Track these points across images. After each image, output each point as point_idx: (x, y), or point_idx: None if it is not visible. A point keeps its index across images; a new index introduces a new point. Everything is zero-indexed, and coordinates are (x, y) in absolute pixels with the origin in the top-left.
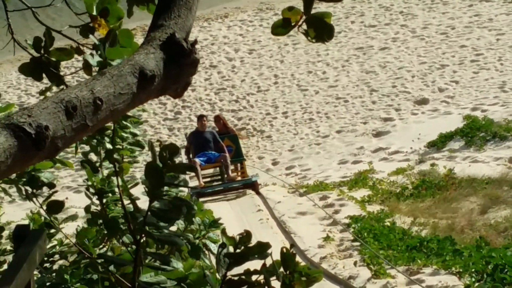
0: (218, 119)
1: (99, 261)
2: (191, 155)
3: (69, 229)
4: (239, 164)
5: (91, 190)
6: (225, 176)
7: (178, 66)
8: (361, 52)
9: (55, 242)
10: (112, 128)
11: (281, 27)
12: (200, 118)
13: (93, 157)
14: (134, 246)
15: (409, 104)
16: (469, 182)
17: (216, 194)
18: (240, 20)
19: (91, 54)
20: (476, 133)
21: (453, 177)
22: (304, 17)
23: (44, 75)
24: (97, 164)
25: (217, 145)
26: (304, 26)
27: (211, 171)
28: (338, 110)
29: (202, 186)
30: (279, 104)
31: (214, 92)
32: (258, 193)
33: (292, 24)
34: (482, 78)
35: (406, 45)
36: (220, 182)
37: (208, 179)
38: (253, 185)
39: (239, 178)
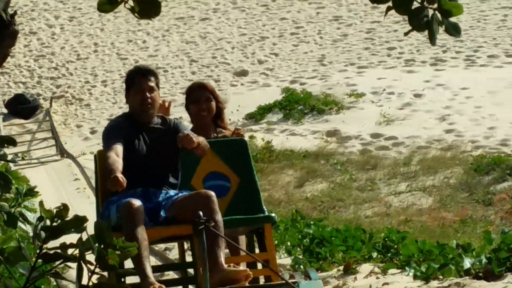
0: (202, 89)
1: None
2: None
3: None
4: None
5: None
6: (205, 266)
7: None
8: (181, 22)
9: None
10: None
11: (108, 3)
12: (144, 77)
13: None
14: None
15: (228, 75)
16: (286, 155)
17: None
18: None
19: None
20: (294, 106)
21: (271, 149)
22: None
23: None
24: None
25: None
26: (131, 2)
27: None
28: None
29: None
30: (98, 73)
31: (34, 59)
32: None
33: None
34: (301, 51)
35: (227, 16)
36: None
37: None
38: None
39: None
